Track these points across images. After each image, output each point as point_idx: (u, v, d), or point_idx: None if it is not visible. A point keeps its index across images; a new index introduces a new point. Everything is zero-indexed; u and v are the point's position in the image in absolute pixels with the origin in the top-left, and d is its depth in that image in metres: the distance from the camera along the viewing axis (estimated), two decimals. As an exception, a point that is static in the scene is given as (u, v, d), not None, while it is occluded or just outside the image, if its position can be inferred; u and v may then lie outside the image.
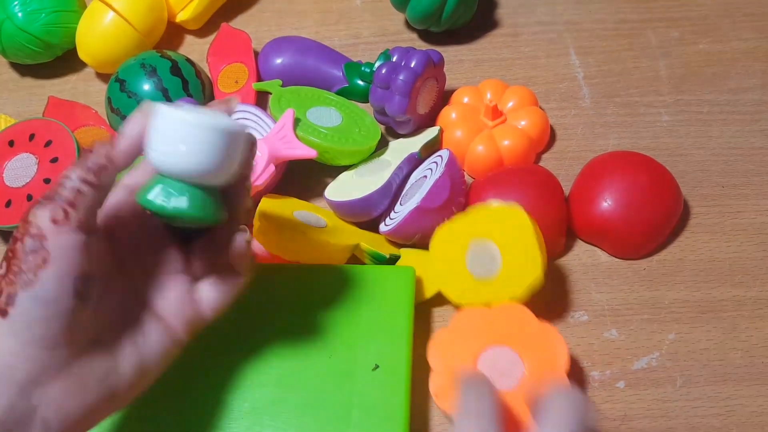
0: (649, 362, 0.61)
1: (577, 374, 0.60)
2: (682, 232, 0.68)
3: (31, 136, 0.69)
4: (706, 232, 0.68)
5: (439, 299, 0.61)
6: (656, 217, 0.65)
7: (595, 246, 0.67)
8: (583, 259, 0.67)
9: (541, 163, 0.73)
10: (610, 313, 0.63)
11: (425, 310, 0.63)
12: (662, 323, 0.63)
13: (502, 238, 0.59)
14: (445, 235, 0.61)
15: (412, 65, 0.68)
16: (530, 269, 0.57)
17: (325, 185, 0.69)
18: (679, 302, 0.64)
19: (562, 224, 0.65)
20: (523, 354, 0.56)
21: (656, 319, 0.63)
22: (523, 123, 0.71)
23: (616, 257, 0.66)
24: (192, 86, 0.74)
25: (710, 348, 0.61)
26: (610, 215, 0.64)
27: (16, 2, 0.77)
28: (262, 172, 0.63)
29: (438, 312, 0.63)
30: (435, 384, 0.56)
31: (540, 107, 0.74)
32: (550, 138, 0.74)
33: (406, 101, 0.68)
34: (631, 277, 0.65)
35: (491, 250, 0.59)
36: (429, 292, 0.62)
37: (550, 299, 0.64)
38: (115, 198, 0.48)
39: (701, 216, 0.68)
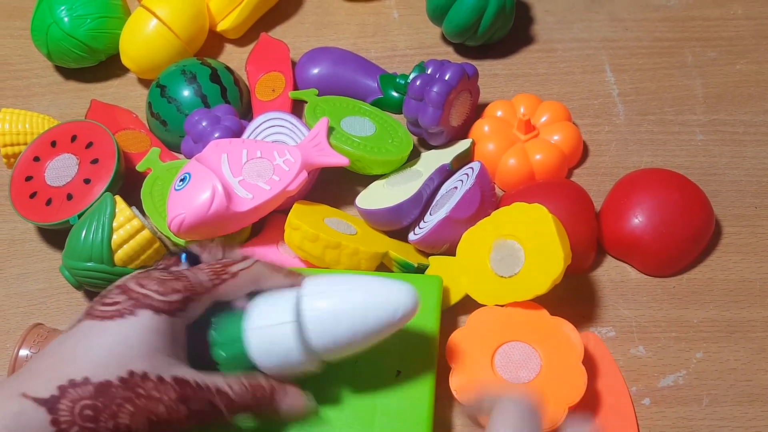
0: (675, 380, 0.60)
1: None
2: (713, 252, 0.67)
3: (73, 138, 0.70)
4: (737, 252, 0.67)
5: (465, 305, 0.62)
6: (687, 236, 0.65)
7: (625, 262, 0.67)
8: (612, 275, 0.67)
9: (573, 179, 0.73)
10: (638, 330, 0.63)
11: (451, 315, 0.63)
12: (690, 342, 0.62)
13: (524, 236, 0.59)
14: (470, 238, 0.62)
15: (447, 78, 0.69)
16: (552, 265, 0.58)
17: (357, 193, 0.70)
18: (707, 321, 0.63)
19: (592, 239, 0.65)
20: (538, 347, 0.57)
21: (684, 338, 0.62)
22: (555, 138, 0.71)
23: (645, 274, 0.66)
24: (230, 93, 0.76)
25: (738, 368, 0.61)
26: (640, 232, 0.64)
27: (62, 7, 0.79)
28: (294, 178, 0.64)
29: (463, 320, 0.64)
30: (455, 382, 0.57)
31: (573, 123, 0.74)
32: (582, 153, 0.74)
33: (440, 113, 0.68)
34: (660, 295, 0.65)
35: (514, 248, 0.60)
36: (455, 296, 0.62)
37: (578, 314, 0.63)
38: None
39: (733, 236, 0.68)
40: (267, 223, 0.69)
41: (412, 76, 0.73)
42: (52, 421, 0.39)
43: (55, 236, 0.72)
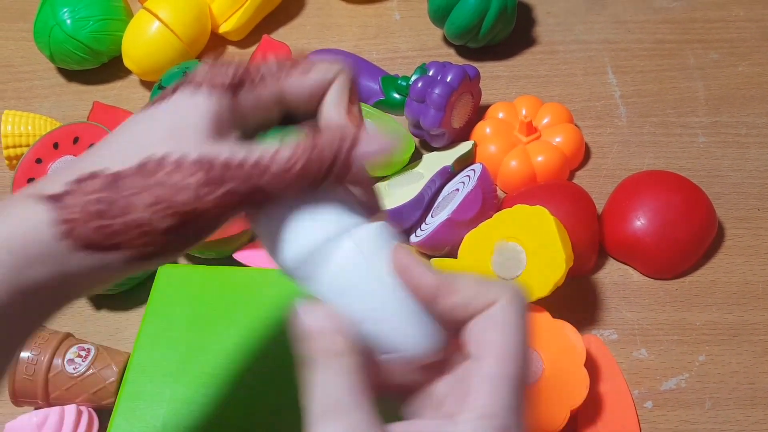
0: (678, 383, 0.60)
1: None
2: (716, 254, 0.67)
3: (75, 139, 0.70)
4: (740, 254, 0.67)
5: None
6: (689, 238, 0.64)
7: (627, 264, 0.67)
8: (615, 277, 0.66)
9: (574, 181, 0.73)
10: (640, 333, 0.63)
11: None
12: (692, 344, 0.62)
13: (526, 238, 0.59)
14: (471, 240, 0.62)
15: (448, 80, 0.69)
16: (554, 268, 0.58)
17: (359, 196, 0.70)
18: (710, 324, 0.63)
19: (594, 242, 0.65)
20: (540, 350, 0.57)
21: (686, 340, 0.62)
22: (557, 140, 0.71)
23: (647, 276, 0.66)
24: (232, 95, 0.76)
25: (740, 371, 0.60)
26: (642, 234, 0.64)
27: (65, 9, 0.79)
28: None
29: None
30: None
31: (575, 125, 0.74)
32: (584, 155, 0.74)
33: (441, 115, 0.68)
34: (662, 297, 0.65)
35: (516, 251, 0.60)
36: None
37: (580, 316, 0.63)
38: None
39: (736, 238, 0.68)
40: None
41: (413, 78, 0.73)
42: (55, 220, 0.33)
43: (57, 238, 0.71)
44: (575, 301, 0.64)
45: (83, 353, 0.60)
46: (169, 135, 0.35)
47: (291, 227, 0.36)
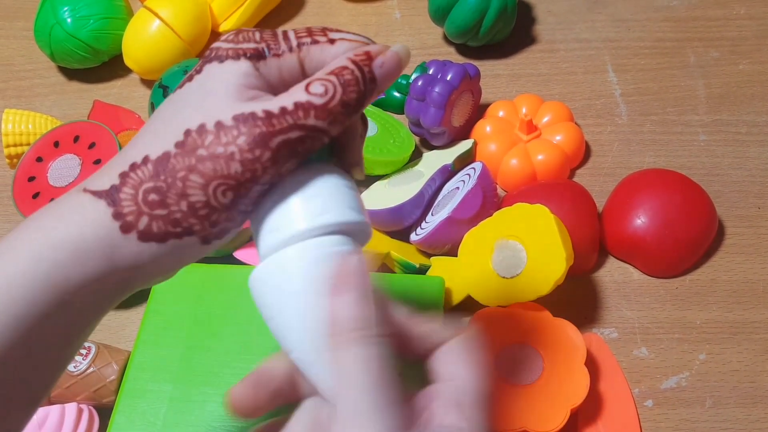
0: (678, 382, 0.60)
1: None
2: (716, 252, 0.67)
3: (76, 138, 0.70)
4: (740, 253, 0.67)
5: (467, 306, 0.62)
6: (690, 236, 0.64)
7: (628, 263, 0.67)
8: (615, 275, 0.66)
9: (575, 179, 0.73)
10: (641, 331, 0.63)
11: (452, 316, 0.63)
12: (693, 343, 0.62)
13: (527, 236, 0.59)
14: (472, 238, 0.62)
15: (448, 78, 0.69)
16: (555, 266, 0.58)
17: (359, 194, 0.70)
18: (711, 322, 0.63)
19: (594, 240, 0.65)
20: (541, 349, 0.57)
21: (687, 339, 0.62)
22: (558, 138, 0.71)
23: (648, 275, 0.66)
24: (232, 94, 0.76)
25: (741, 370, 0.60)
26: (643, 233, 0.64)
27: (65, 8, 0.79)
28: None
29: (465, 321, 0.64)
30: None
31: (576, 123, 0.74)
32: (585, 154, 0.74)
33: (441, 113, 0.68)
34: (663, 296, 0.65)
35: (516, 249, 0.60)
36: (457, 297, 0.62)
37: (580, 315, 0.63)
38: None
39: (736, 237, 0.68)
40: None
41: (413, 77, 0.73)
42: (114, 214, 0.33)
43: (58, 237, 0.71)
44: (575, 299, 0.64)
45: (84, 351, 0.60)
46: (199, 106, 0.34)
47: (266, 221, 0.35)
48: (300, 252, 0.34)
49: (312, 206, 0.34)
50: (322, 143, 0.34)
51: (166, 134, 0.34)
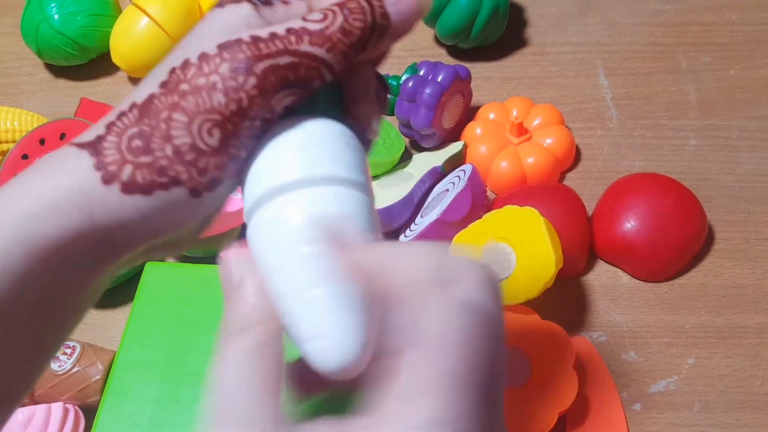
0: (666, 386, 0.60)
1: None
2: (706, 257, 0.67)
3: (62, 135, 0.70)
4: (730, 257, 0.67)
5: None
6: (680, 241, 0.64)
7: (617, 267, 0.67)
8: (604, 279, 0.66)
9: (565, 182, 0.72)
10: (629, 335, 0.63)
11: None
12: (682, 347, 0.62)
13: (516, 239, 0.59)
14: (461, 241, 0.61)
15: (439, 79, 0.68)
16: (544, 269, 0.57)
17: (348, 195, 0.69)
18: (700, 327, 0.63)
19: (584, 244, 0.65)
20: (529, 352, 0.56)
21: (676, 343, 0.62)
22: (548, 141, 0.71)
23: (637, 279, 0.66)
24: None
25: (730, 374, 0.60)
26: (633, 237, 0.64)
27: (53, 4, 0.79)
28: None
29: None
30: None
31: (566, 126, 0.74)
32: (575, 157, 0.74)
33: (432, 115, 0.68)
34: (652, 300, 0.65)
35: (506, 252, 0.59)
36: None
37: (569, 318, 0.63)
38: None
39: (726, 241, 0.68)
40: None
41: (404, 78, 0.73)
42: (96, 165, 0.30)
43: (43, 235, 0.71)
44: (564, 302, 0.64)
45: (68, 350, 0.59)
46: (188, 45, 0.31)
47: (261, 162, 0.31)
48: (296, 201, 0.30)
49: (311, 156, 0.31)
50: (321, 77, 0.31)
51: (152, 78, 0.31)
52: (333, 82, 0.32)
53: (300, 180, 0.30)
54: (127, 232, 0.31)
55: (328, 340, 0.28)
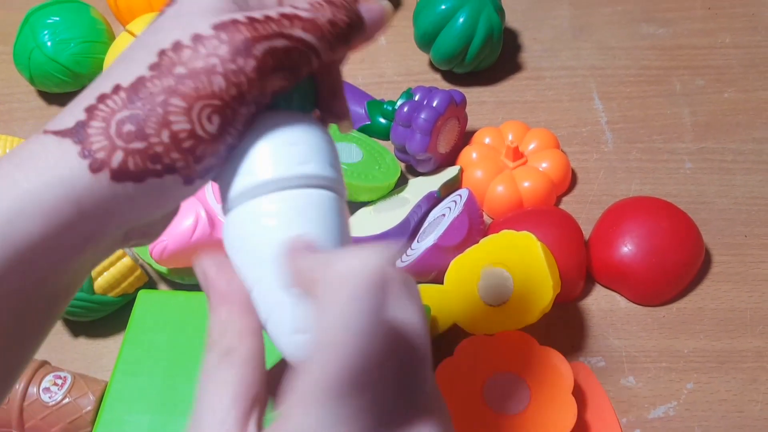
0: (666, 411, 0.59)
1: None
2: (703, 281, 0.67)
3: (55, 163, 0.69)
4: (727, 281, 0.67)
5: (453, 334, 0.61)
6: (677, 264, 0.64)
7: (614, 291, 0.66)
8: (602, 303, 0.66)
9: (561, 206, 0.72)
10: (628, 360, 0.62)
11: (439, 345, 0.62)
12: (681, 372, 0.61)
13: (513, 264, 0.59)
14: (458, 266, 0.61)
15: (434, 104, 0.68)
16: (542, 294, 0.57)
17: (343, 221, 0.69)
18: (698, 351, 0.62)
19: (581, 268, 0.65)
20: (527, 378, 0.56)
21: (675, 368, 0.62)
22: (544, 165, 0.71)
23: (635, 303, 0.65)
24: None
25: (729, 399, 0.60)
26: (629, 261, 0.63)
27: (45, 31, 0.78)
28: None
29: (451, 349, 0.63)
30: None
31: (561, 150, 0.74)
32: (571, 181, 0.73)
33: (427, 140, 0.68)
34: (650, 324, 0.64)
35: (503, 277, 0.59)
36: (443, 325, 0.61)
37: (567, 343, 0.63)
38: None
39: (723, 264, 0.67)
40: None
41: (399, 103, 0.72)
42: (81, 152, 0.28)
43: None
44: (562, 327, 0.64)
45: (59, 381, 0.58)
46: (173, 26, 0.30)
47: (240, 158, 0.31)
48: (281, 200, 0.31)
49: (295, 154, 0.31)
50: (309, 64, 0.31)
51: (137, 60, 0.29)
52: (306, 79, 0.33)
53: (275, 180, 0.30)
54: (117, 220, 0.30)
55: (306, 335, 0.29)
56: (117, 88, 0.29)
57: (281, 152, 0.31)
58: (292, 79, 0.31)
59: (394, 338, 0.27)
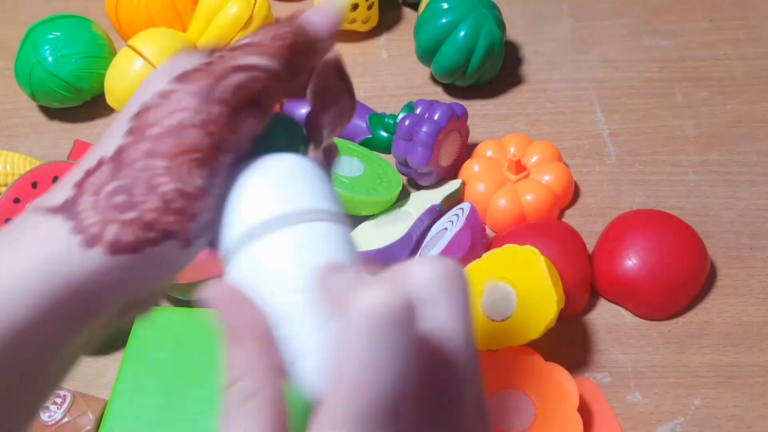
0: (673, 428, 0.59)
1: (598, 438, 0.58)
2: (709, 294, 0.66)
3: (55, 179, 0.69)
4: (733, 294, 0.66)
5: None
6: (682, 278, 0.63)
7: (619, 305, 0.66)
8: (607, 318, 0.65)
9: (564, 219, 0.72)
10: (634, 376, 0.61)
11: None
12: (688, 387, 0.61)
13: (516, 278, 0.58)
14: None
15: (436, 117, 0.68)
16: (546, 309, 0.56)
17: (345, 235, 0.68)
18: (705, 366, 0.62)
19: (585, 282, 0.64)
20: (532, 394, 0.55)
21: (682, 383, 0.61)
22: (546, 178, 0.70)
23: (640, 317, 0.65)
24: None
25: (737, 415, 0.59)
26: (634, 274, 0.63)
27: (46, 47, 0.78)
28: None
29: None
30: None
31: (564, 163, 0.73)
32: (574, 194, 0.73)
33: (429, 153, 0.67)
34: (656, 339, 0.63)
35: (506, 291, 0.58)
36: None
37: (572, 359, 0.62)
38: None
39: (729, 278, 0.67)
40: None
41: (401, 116, 0.72)
42: (74, 228, 0.28)
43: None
44: (567, 343, 0.63)
45: (59, 400, 0.58)
46: (141, 90, 0.31)
47: (235, 203, 0.31)
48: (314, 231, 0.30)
49: (288, 192, 0.31)
50: (275, 84, 0.32)
51: (115, 132, 0.30)
52: (289, 121, 0.34)
53: (278, 218, 0.30)
54: (111, 293, 0.29)
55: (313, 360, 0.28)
56: (101, 162, 0.29)
57: (272, 192, 0.31)
58: (263, 113, 0.32)
59: (424, 364, 0.26)
